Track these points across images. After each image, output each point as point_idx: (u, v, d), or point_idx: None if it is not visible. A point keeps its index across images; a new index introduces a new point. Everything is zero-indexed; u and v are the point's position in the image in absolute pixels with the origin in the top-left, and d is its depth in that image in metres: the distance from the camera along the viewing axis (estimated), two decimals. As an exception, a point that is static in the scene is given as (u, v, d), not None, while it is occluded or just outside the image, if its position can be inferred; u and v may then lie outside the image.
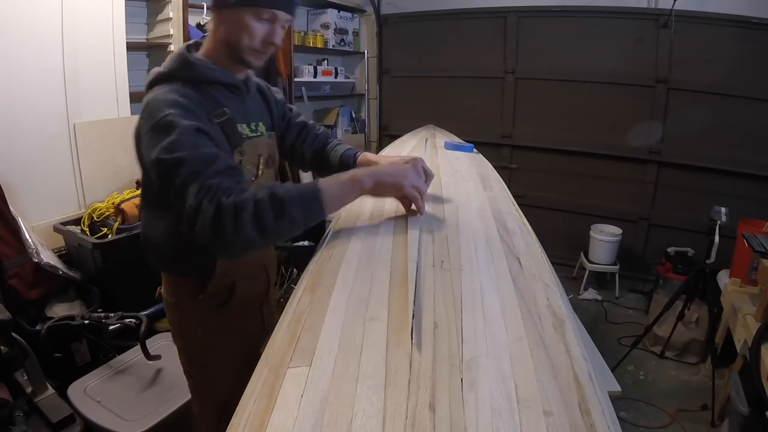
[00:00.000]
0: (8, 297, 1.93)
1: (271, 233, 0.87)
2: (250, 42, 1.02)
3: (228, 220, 0.84)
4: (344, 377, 0.57)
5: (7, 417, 1.42)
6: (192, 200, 0.85)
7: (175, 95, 0.96)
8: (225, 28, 1.03)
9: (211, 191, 0.85)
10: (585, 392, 0.58)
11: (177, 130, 0.90)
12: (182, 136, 0.89)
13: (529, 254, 0.95)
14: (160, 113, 0.92)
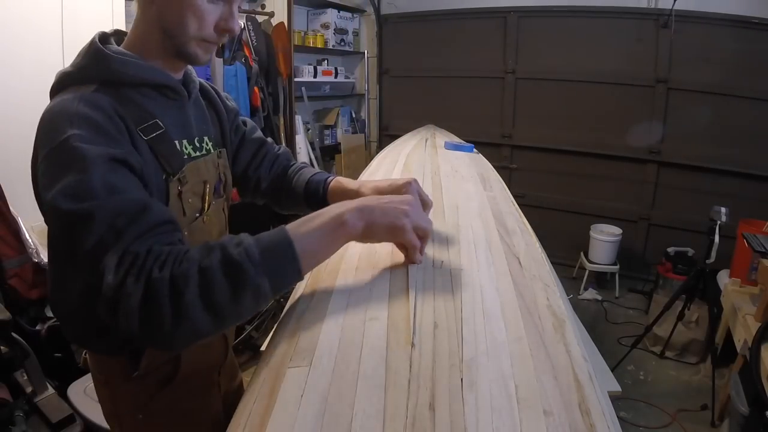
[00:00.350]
0: (8, 297, 1.93)
1: (228, 314, 0.62)
2: (200, 29, 0.75)
3: (164, 302, 0.57)
4: (344, 377, 0.57)
5: (7, 417, 1.42)
6: (111, 278, 0.58)
7: (83, 106, 0.68)
8: (160, 9, 0.74)
9: (138, 262, 0.59)
10: (585, 392, 0.58)
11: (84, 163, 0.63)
12: (93, 175, 0.62)
13: (529, 254, 0.95)
14: (59, 134, 0.65)
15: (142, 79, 0.76)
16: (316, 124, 4.17)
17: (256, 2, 3.45)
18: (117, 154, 0.66)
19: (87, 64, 0.75)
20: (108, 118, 0.69)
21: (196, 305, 0.58)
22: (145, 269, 0.59)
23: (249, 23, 3.15)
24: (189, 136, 0.84)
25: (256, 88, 3.15)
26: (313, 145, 3.97)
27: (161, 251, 0.61)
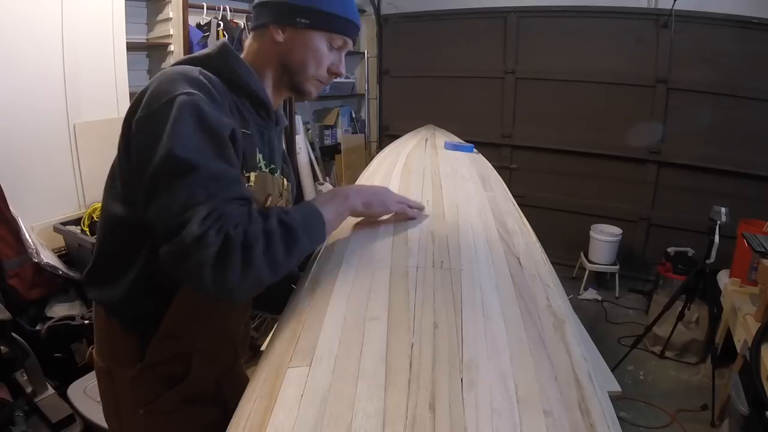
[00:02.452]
0: (8, 297, 1.93)
1: (281, 268, 0.72)
2: (317, 69, 0.90)
3: (236, 258, 0.66)
4: (344, 377, 0.57)
5: (7, 417, 1.42)
6: (196, 227, 0.65)
7: (200, 75, 0.77)
8: (286, 49, 0.88)
9: (221, 220, 0.66)
10: (585, 392, 0.58)
11: (199, 123, 0.70)
12: (203, 133, 0.70)
13: (529, 254, 0.95)
14: (177, 88, 0.72)
15: (254, 91, 0.88)
16: (316, 124, 4.16)
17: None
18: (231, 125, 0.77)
19: (216, 55, 0.86)
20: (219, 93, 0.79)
21: (260, 258, 0.69)
22: (225, 227, 0.67)
23: (249, 23, 3.15)
24: (264, 154, 0.93)
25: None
26: (313, 145, 3.97)
27: (238, 214, 0.69)
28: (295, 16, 0.86)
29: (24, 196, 2.09)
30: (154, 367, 0.86)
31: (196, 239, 0.64)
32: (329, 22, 0.88)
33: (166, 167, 0.68)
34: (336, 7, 0.88)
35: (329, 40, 0.90)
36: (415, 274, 0.78)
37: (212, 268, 0.65)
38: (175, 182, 0.68)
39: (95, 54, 2.32)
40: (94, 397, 1.53)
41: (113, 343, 0.89)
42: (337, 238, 0.98)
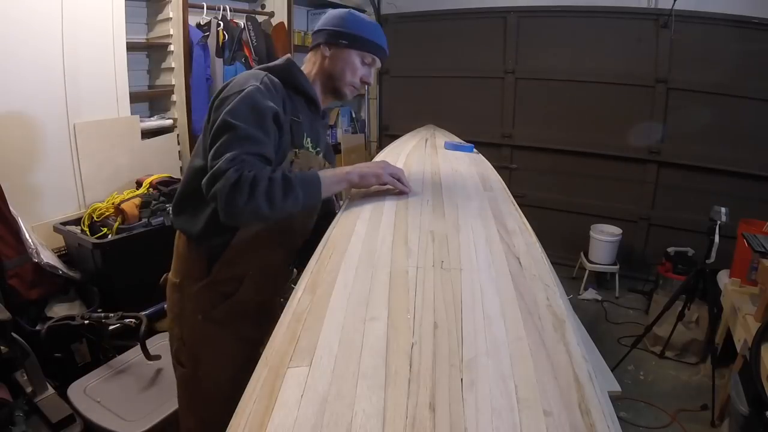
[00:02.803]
0: (8, 297, 1.93)
1: (277, 207, 0.98)
2: (352, 78, 1.24)
3: (245, 189, 0.93)
4: (344, 377, 0.57)
5: (7, 417, 1.42)
6: (223, 163, 0.95)
7: (266, 77, 1.12)
8: (331, 62, 1.23)
9: (240, 163, 0.95)
10: (585, 392, 0.58)
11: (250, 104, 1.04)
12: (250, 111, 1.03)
13: (529, 254, 0.95)
14: (247, 83, 1.08)
15: (306, 91, 1.22)
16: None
17: (256, 2, 3.45)
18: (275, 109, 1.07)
19: (282, 67, 1.21)
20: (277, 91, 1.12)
21: (261, 195, 0.94)
22: (241, 169, 0.94)
23: (249, 23, 3.15)
24: (311, 137, 1.24)
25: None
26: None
27: (254, 163, 0.98)
28: (338, 38, 1.21)
29: (24, 196, 2.09)
30: (215, 284, 1.17)
31: (221, 172, 0.94)
32: (362, 44, 1.22)
33: (219, 127, 1.01)
34: (367, 33, 1.22)
35: (362, 57, 1.23)
36: (415, 274, 0.78)
37: (226, 195, 0.93)
38: (222, 136, 1.00)
39: (95, 54, 2.32)
40: (94, 397, 1.53)
41: (187, 263, 1.20)
42: (338, 238, 0.98)
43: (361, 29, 1.22)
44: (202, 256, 1.17)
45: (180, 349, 1.24)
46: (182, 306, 1.21)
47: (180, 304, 1.21)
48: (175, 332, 1.25)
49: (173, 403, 1.50)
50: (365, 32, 1.22)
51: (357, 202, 1.16)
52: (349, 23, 1.22)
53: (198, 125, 2.87)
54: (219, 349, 1.19)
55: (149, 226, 2.19)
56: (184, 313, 1.21)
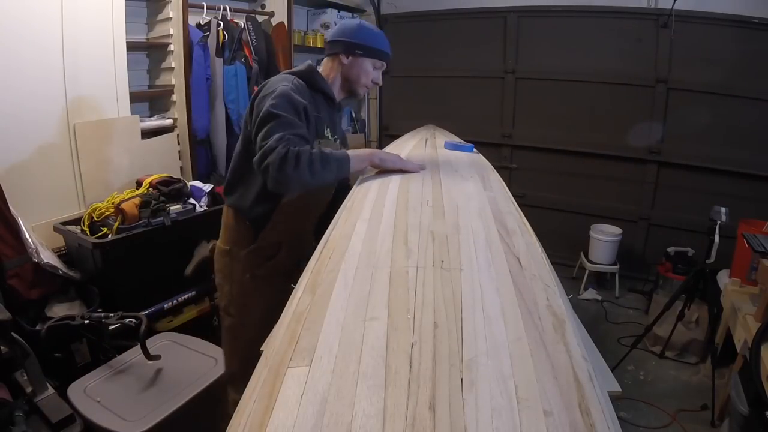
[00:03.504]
0: (8, 297, 1.93)
1: (317, 177, 1.23)
2: (366, 80, 1.53)
3: (292, 161, 1.18)
4: (344, 377, 0.57)
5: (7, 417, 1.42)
6: (273, 142, 1.20)
7: (295, 80, 1.41)
8: (349, 69, 1.51)
9: (287, 141, 1.21)
10: (585, 392, 0.58)
11: (287, 99, 1.32)
12: (288, 104, 1.31)
13: (529, 254, 0.95)
14: (281, 85, 1.36)
15: (325, 90, 1.51)
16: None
17: (256, 2, 3.45)
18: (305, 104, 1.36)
19: (306, 72, 1.47)
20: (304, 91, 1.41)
21: (305, 167, 1.20)
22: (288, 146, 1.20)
23: (249, 23, 3.15)
24: (330, 127, 1.54)
25: (256, 87, 3.14)
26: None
27: (297, 142, 1.23)
28: (354, 49, 1.49)
29: (24, 196, 2.09)
30: (259, 249, 1.48)
31: (272, 149, 1.19)
32: (374, 53, 1.51)
33: (264, 117, 1.28)
34: (378, 43, 1.52)
35: (373, 63, 1.52)
36: (415, 274, 0.78)
37: (277, 167, 1.18)
38: (268, 123, 1.26)
39: (95, 54, 2.32)
40: (94, 397, 1.53)
41: (237, 233, 1.50)
42: (338, 238, 0.98)
43: (372, 40, 1.50)
44: (249, 228, 1.47)
45: (230, 303, 1.53)
46: (232, 268, 1.51)
47: (230, 266, 1.51)
48: (225, 289, 1.54)
49: (173, 403, 1.50)
50: (376, 43, 1.51)
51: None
52: (362, 36, 1.50)
53: (198, 125, 2.87)
54: (262, 300, 1.43)
55: (149, 226, 2.19)
56: (233, 273, 1.51)
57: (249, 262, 1.48)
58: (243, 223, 1.48)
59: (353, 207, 1.15)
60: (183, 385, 1.57)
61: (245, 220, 1.47)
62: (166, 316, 2.25)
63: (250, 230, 1.47)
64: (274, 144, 1.20)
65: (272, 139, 1.21)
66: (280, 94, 1.31)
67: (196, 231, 2.34)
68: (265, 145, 1.22)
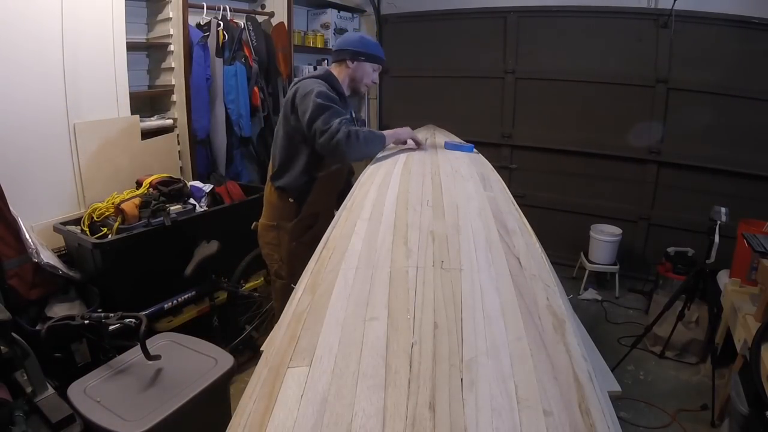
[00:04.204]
0: (8, 297, 1.93)
1: (369, 150, 1.72)
2: (367, 80, 1.97)
3: (353, 138, 1.64)
4: (344, 377, 0.57)
5: (7, 417, 1.42)
6: (336, 125, 1.64)
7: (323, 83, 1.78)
8: (354, 72, 1.93)
9: (344, 124, 1.65)
10: (585, 392, 0.58)
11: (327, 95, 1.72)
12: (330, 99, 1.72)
13: (529, 254, 0.95)
14: (315, 86, 1.72)
15: (339, 90, 1.87)
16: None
17: (256, 2, 3.45)
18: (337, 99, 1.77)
19: (326, 76, 1.84)
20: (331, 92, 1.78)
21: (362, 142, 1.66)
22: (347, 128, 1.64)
23: (249, 23, 3.15)
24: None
25: (256, 87, 3.15)
26: None
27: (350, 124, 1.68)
28: (358, 56, 1.91)
29: (24, 196, 2.09)
30: (302, 221, 1.88)
31: (336, 130, 1.62)
32: (373, 59, 1.95)
33: (316, 109, 1.67)
34: (375, 50, 1.96)
35: (372, 66, 1.96)
36: (415, 274, 0.78)
37: (344, 143, 1.62)
38: (323, 113, 1.66)
39: (95, 54, 2.32)
40: (94, 397, 1.53)
41: (282, 210, 1.90)
42: (338, 237, 0.98)
43: (372, 48, 1.95)
44: (293, 204, 1.87)
45: (280, 267, 1.95)
46: (280, 238, 1.92)
47: (278, 237, 1.92)
48: (275, 257, 1.95)
49: (173, 403, 1.50)
50: (374, 50, 1.96)
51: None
52: (364, 45, 1.93)
53: (198, 125, 2.87)
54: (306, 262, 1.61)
55: (149, 226, 2.19)
56: (282, 243, 1.91)
57: (294, 232, 1.88)
58: (287, 201, 1.88)
59: (353, 207, 1.15)
60: (183, 385, 1.56)
61: (289, 197, 1.87)
62: (166, 316, 2.25)
63: (294, 206, 1.87)
64: (337, 126, 1.63)
65: (334, 123, 1.63)
66: (320, 92, 1.70)
67: (196, 231, 2.35)
68: (329, 128, 1.63)
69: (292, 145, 1.80)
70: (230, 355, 1.71)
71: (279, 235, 1.91)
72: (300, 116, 1.71)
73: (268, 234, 1.94)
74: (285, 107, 1.80)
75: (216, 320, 2.38)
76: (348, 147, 1.62)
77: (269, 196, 1.93)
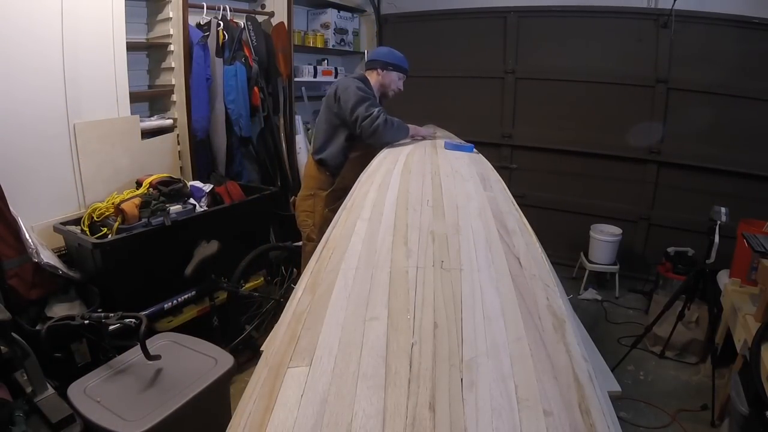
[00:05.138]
0: (8, 297, 1.93)
1: (399, 134, 2.11)
2: (394, 87, 2.34)
3: (390, 124, 2.03)
4: (344, 377, 0.57)
5: (7, 417, 1.42)
6: (376, 112, 2.01)
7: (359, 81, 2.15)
8: (384, 79, 2.30)
9: (383, 113, 2.03)
10: (585, 392, 0.58)
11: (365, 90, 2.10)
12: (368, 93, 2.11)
13: (529, 254, 0.95)
14: (354, 84, 2.10)
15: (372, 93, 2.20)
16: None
17: (256, 2, 3.45)
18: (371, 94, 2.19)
19: (361, 77, 2.22)
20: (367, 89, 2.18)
21: (396, 128, 2.11)
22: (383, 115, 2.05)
23: (249, 23, 3.15)
24: None
25: (256, 88, 3.15)
26: None
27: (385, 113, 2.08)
28: (388, 66, 2.29)
29: (24, 196, 2.09)
30: (335, 191, 2.18)
31: (377, 116, 2.02)
32: (400, 69, 2.33)
33: (358, 100, 2.06)
34: (402, 62, 2.34)
35: (398, 75, 2.33)
36: (415, 274, 0.78)
37: (382, 128, 2.03)
38: (365, 102, 2.06)
39: (95, 54, 2.32)
40: (94, 397, 1.53)
41: (320, 180, 2.25)
42: (338, 237, 0.98)
43: (399, 60, 2.32)
44: (329, 176, 2.23)
45: (312, 231, 2.26)
46: (315, 205, 2.26)
47: (314, 205, 2.26)
48: (309, 222, 2.28)
49: (173, 403, 1.50)
50: (401, 62, 2.33)
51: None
52: (392, 57, 2.31)
53: (198, 125, 2.87)
54: None
55: (149, 226, 2.19)
56: (317, 209, 2.25)
57: (328, 200, 2.21)
58: (324, 173, 2.23)
59: (353, 207, 1.15)
60: (183, 385, 1.56)
61: (326, 170, 2.23)
62: (166, 316, 2.25)
63: (329, 178, 2.22)
64: (377, 113, 2.01)
65: (374, 111, 2.01)
66: (360, 87, 2.08)
67: (196, 231, 2.35)
68: (370, 114, 2.00)
69: (332, 128, 2.17)
70: (230, 355, 1.71)
71: (314, 203, 2.25)
72: (342, 104, 2.07)
73: (305, 203, 2.29)
74: (327, 99, 2.18)
75: (216, 320, 2.38)
76: (385, 130, 2.00)
77: (310, 169, 2.31)
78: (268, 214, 2.99)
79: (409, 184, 1.33)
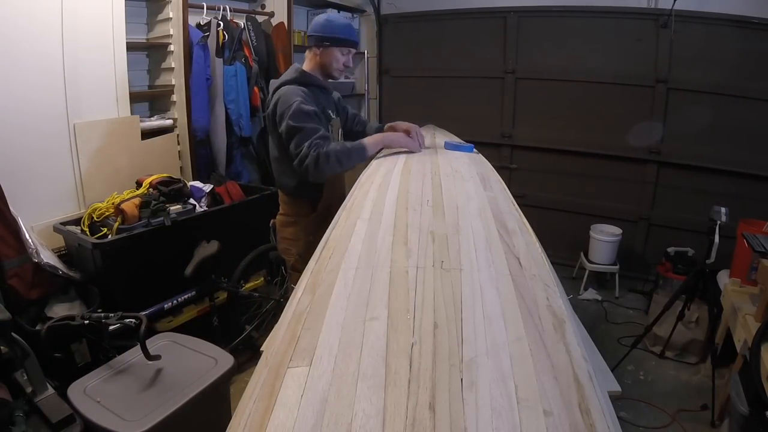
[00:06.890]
0: (8, 297, 1.93)
1: (344, 166, 1.65)
2: (337, 65, 1.82)
3: (322, 160, 1.59)
4: (344, 377, 0.57)
5: (7, 417, 1.42)
6: (305, 149, 1.60)
7: (299, 90, 1.70)
8: (321, 58, 1.80)
9: (315, 146, 1.59)
10: (585, 392, 0.58)
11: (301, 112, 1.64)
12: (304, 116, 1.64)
13: (529, 254, 0.95)
14: (292, 100, 1.65)
15: (317, 83, 1.82)
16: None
17: (256, 2, 3.45)
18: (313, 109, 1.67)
19: (299, 77, 1.76)
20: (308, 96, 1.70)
21: (334, 162, 1.60)
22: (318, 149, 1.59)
23: (249, 23, 3.15)
24: (331, 109, 1.88)
25: (256, 88, 3.15)
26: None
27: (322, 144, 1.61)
28: (323, 41, 1.77)
29: (24, 196, 2.09)
30: (317, 216, 1.85)
31: (306, 155, 1.59)
32: (339, 42, 1.78)
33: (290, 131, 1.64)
34: (342, 33, 1.78)
35: (340, 50, 1.80)
36: (415, 274, 0.78)
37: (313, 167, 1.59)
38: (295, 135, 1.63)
39: (95, 54, 2.32)
40: (94, 397, 1.53)
41: (298, 207, 1.88)
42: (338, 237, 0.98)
43: (338, 32, 1.77)
44: (308, 202, 1.87)
45: (297, 261, 1.90)
46: (297, 233, 1.90)
47: (296, 232, 1.90)
48: (293, 251, 1.92)
49: (173, 403, 1.50)
50: (341, 33, 1.78)
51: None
52: (329, 29, 1.77)
53: (198, 125, 2.87)
54: None
55: (149, 226, 2.19)
56: (299, 237, 1.89)
57: (310, 227, 1.86)
58: (300, 200, 1.88)
59: (353, 207, 1.15)
60: (183, 385, 1.56)
61: (300, 198, 1.88)
62: (166, 316, 2.25)
63: (308, 203, 1.87)
64: (306, 151, 1.59)
65: (304, 147, 1.60)
66: (295, 111, 1.63)
67: (196, 231, 2.35)
68: (299, 152, 1.61)
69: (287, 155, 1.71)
70: (230, 355, 1.71)
71: (297, 230, 1.89)
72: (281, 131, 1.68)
73: (286, 229, 1.93)
74: (270, 118, 1.74)
75: (216, 320, 2.38)
76: (317, 171, 1.59)
77: (282, 195, 1.94)
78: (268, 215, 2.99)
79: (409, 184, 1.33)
